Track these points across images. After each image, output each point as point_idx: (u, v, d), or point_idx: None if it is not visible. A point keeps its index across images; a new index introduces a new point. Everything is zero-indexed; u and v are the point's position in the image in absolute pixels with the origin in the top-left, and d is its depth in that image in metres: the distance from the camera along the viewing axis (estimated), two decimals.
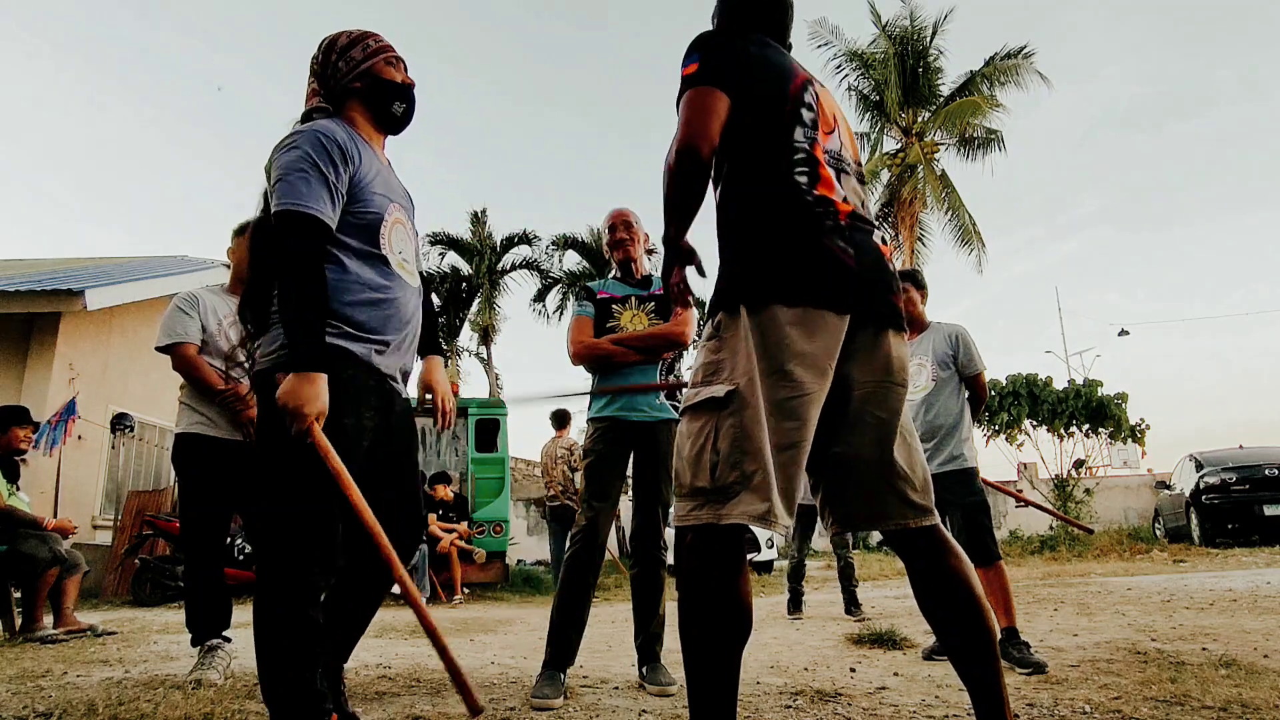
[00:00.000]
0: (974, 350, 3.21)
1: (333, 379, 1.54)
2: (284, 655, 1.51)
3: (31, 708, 2.16)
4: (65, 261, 11.79)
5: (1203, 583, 5.43)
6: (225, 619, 2.78)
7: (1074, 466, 12.23)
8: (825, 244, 1.28)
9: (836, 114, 1.49)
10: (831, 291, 1.26)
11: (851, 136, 1.53)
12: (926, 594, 1.34)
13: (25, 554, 4.00)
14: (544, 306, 21.34)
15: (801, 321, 1.23)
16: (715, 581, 1.20)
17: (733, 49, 1.39)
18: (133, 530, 7.93)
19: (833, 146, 1.41)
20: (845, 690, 2.36)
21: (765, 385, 1.22)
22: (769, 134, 1.36)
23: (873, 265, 1.33)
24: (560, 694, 2.28)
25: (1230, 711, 1.90)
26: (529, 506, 13.69)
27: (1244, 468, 9.32)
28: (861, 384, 1.29)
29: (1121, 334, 23.24)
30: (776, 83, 1.38)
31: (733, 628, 1.18)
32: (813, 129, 1.38)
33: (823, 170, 1.35)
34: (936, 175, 16.99)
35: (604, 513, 2.57)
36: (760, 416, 1.21)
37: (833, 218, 1.32)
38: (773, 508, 1.19)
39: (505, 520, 8.78)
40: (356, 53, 1.76)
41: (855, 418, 1.31)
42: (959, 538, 3.05)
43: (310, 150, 1.58)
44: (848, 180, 1.41)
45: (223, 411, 2.77)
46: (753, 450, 1.20)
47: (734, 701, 1.20)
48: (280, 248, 1.52)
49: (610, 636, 4.03)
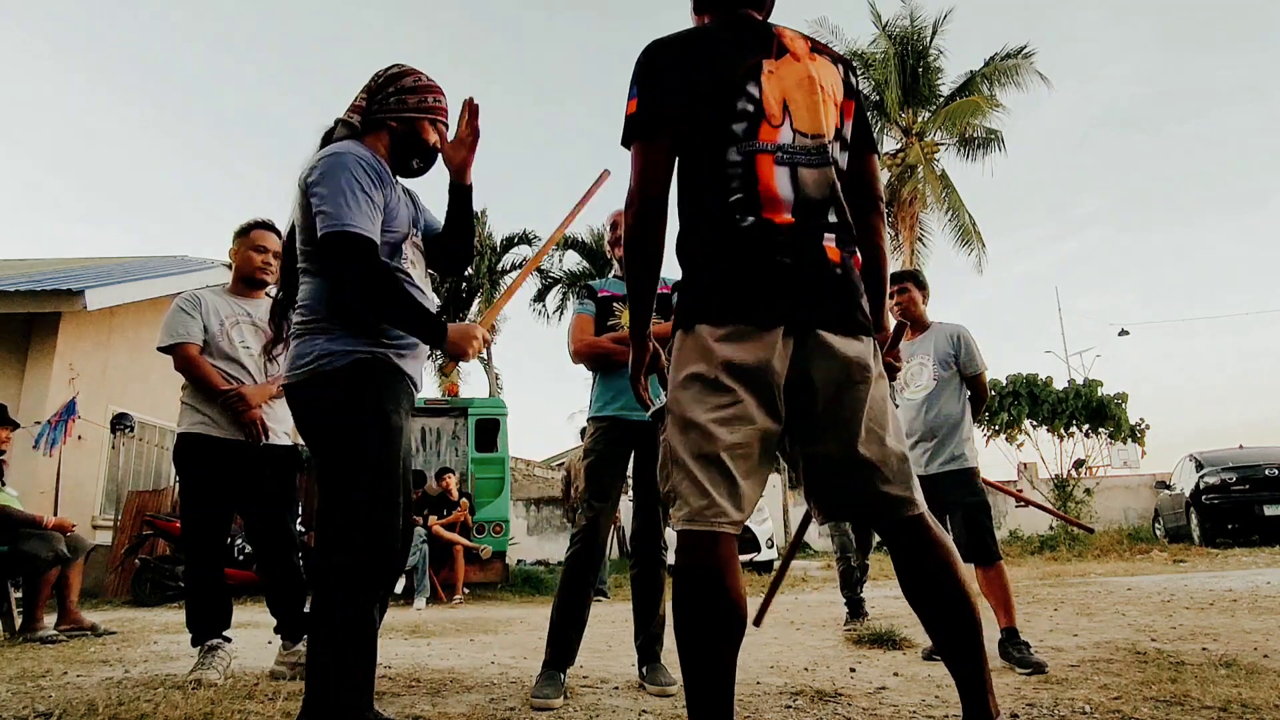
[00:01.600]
0: (975, 350, 3.21)
1: (385, 385, 1.69)
2: (345, 654, 1.55)
3: (31, 708, 2.16)
4: (65, 261, 11.79)
5: (1203, 583, 5.43)
6: (225, 619, 2.77)
7: (1074, 466, 12.24)
8: (758, 264, 1.31)
9: (793, 86, 1.40)
10: (758, 307, 1.29)
11: (819, 90, 1.42)
12: (911, 586, 1.36)
13: (27, 554, 3.99)
14: (544, 306, 21.38)
15: (729, 338, 1.28)
16: (699, 580, 1.22)
17: (668, 70, 1.38)
18: (133, 530, 7.93)
19: (782, 139, 1.36)
20: (845, 690, 2.36)
21: (699, 397, 1.28)
22: (703, 163, 1.37)
23: (815, 273, 1.33)
24: (560, 694, 2.28)
25: (1230, 711, 1.91)
26: (529, 506, 13.69)
27: (1244, 468, 9.32)
28: (823, 385, 1.31)
29: (1121, 334, 23.34)
30: (711, 94, 1.36)
31: (719, 626, 1.19)
32: (749, 138, 1.35)
33: (763, 185, 1.34)
34: (936, 175, 16.99)
35: (604, 513, 2.57)
36: (693, 429, 1.27)
37: (769, 235, 1.32)
38: (709, 507, 1.23)
39: (505, 520, 8.78)
40: (412, 99, 1.86)
41: (820, 419, 1.34)
42: (959, 538, 3.05)
43: (354, 172, 1.66)
44: (804, 173, 1.37)
45: (224, 412, 2.76)
46: (679, 459, 1.28)
47: (729, 701, 1.20)
48: (350, 266, 1.61)
49: (610, 636, 4.03)
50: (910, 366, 3.28)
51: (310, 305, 1.71)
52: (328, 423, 1.67)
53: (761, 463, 1.30)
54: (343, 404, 1.65)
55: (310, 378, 1.66)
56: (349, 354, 1.65)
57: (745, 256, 1.31)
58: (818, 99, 1.41)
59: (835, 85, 1.46)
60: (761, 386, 1.28)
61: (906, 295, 3.29)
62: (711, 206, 1.35)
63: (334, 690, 1.53)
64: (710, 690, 1.20)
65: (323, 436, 1.68)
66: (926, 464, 3.15)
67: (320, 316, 1.69)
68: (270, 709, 2.11)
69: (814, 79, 1.42)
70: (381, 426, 1.65)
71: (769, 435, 1.30)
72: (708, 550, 1.23)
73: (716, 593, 1.20)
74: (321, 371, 1.65)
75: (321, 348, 1.66)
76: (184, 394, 2.84)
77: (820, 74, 1.43)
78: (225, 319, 2.88)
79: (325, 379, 1.65)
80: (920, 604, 1.35)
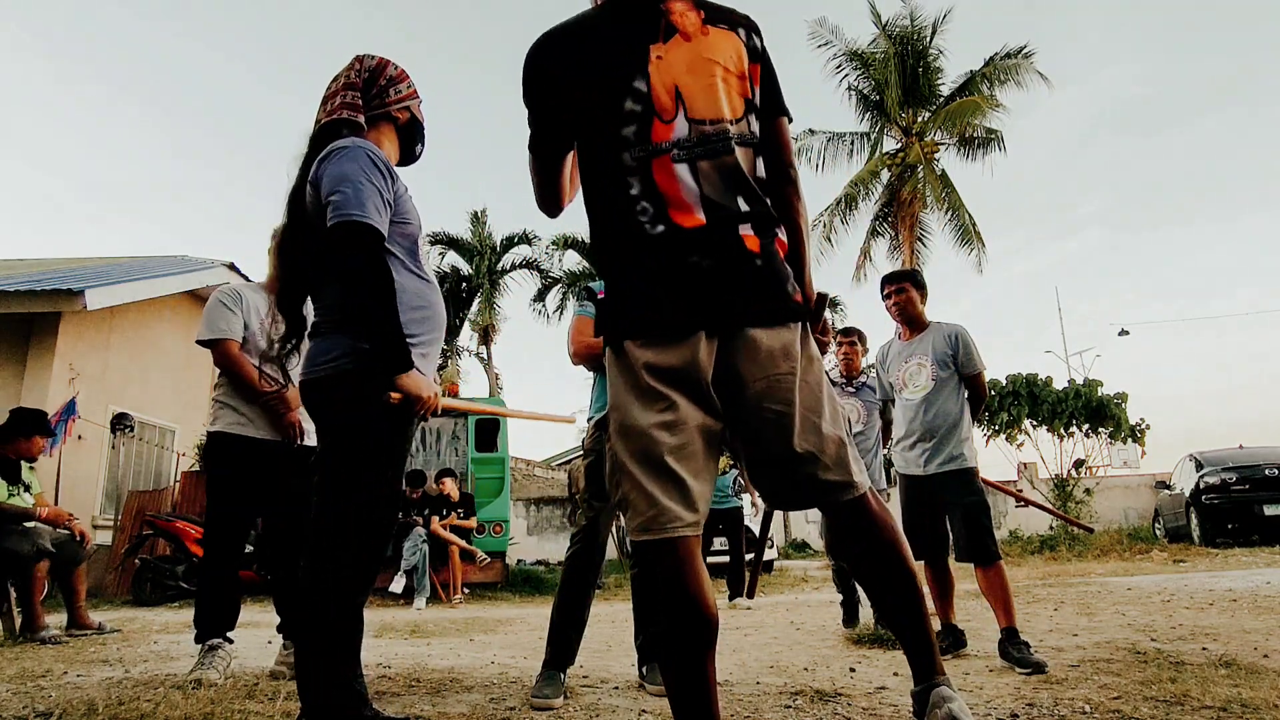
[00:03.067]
0: (974, 350, 3.21)
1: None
2: (334, 648, 1.58)
3: (31, 708, 2.16)
4: (65, 261, 11.78)
5: (1203, 583, 5.43)
6: (231, 620, 2.77)
7: (1074, 466, 12.23)
8: (672, 271, 1.28)
9: (684, 71, 1.32)
10: (678, 318, 1.26)
11: (715, 68, 1.34)
12: (858, 565, 1.41)
13: (7, 549, 3.95)
14: (544, 306, 21.36)
15: (651, 344, 1.27)
16: (660, 588, 1.25)
17: (547, 80, 1.37)
18: (133, 530, 7.93)
19: (677, 133, 1.30)
20: (845, 690, 2.36)
21: (636, 406, 1.28)
22: (599, 171, 1.34)
23: (735, 270, 1.29)
24: (560, 694, 2.28)
25: (1230, 711, 1.90)
26: (529, 506, 13.69)
27: (1244, 468, 9.32)
28: (752, 382, 1.29)
29: (1121, 334, 23.38)
30: (596, 95, 1.32)
31: (685, 629, 1.21)
32: (641, 142, 1.29)
33: (663, 188, 1.29)
34: (936, 175, 16.98)
35: (604, 513, 2.57)
36: (634, 436, 1.27)
37: (680, 240, 1.28)
38: (659, 515, 1.23)
39: (505, 520, 8.79)
40: (404, 88, 1.92)
41: (753, 415, 1.31)
42: (959, 538, 3.05)
43: (364, 165, 1.69)
44: (706, 165, 1.30)
45: (264, 412, 2.73)
46: (625, 468, 1.28)
47: (708, 702, 1.20)
48: (352, 258, 1.62)
49: (610, 636, 4.03)
50: (909, 367, 3.28)
51: (331, 304, 1.73)
52: (340, 420, 1.69)
53: (708, 459, 1.30)
54: (356, 403, 1.66)
55: (328, 375, 1.68)
56: (367, 352, 1.66)
57: (658, 265, 1.28)
58: (715, 80, 1.34)
59: (736, 56, 1.38)
60: (691, 385, 1.27)
61: (905, 295, 3.29)
62: (616, 216, 1.32)
63: (329, 690, 1.53)
64: (688, 693, 1.20)
65: (333, 433, 1.70)
66: (925, 464, 3.15)
67: (340, 315, 1.71)
68: (270, 709, 2.11)
69: (708, 59, 1.34)
70: (390, 428, 1.68)
71: (709, 431, 1.30)
72: (662, 557, 1.23)
73: (677, 598, 1.21)
74: (341, 370, 1.67)
75: (345, 345, 1.68)
76: (218, 392, 2.81)
77: (715, 49, 1.35)
78: (265, 317, 2.83)
79: (342, 378, 1.67)
80: (868, 580, 1.41)
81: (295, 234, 1.82)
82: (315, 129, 1.84)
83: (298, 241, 1.81)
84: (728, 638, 3.79)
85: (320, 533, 1.64)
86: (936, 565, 3.18)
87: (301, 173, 1.80)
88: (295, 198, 1.80)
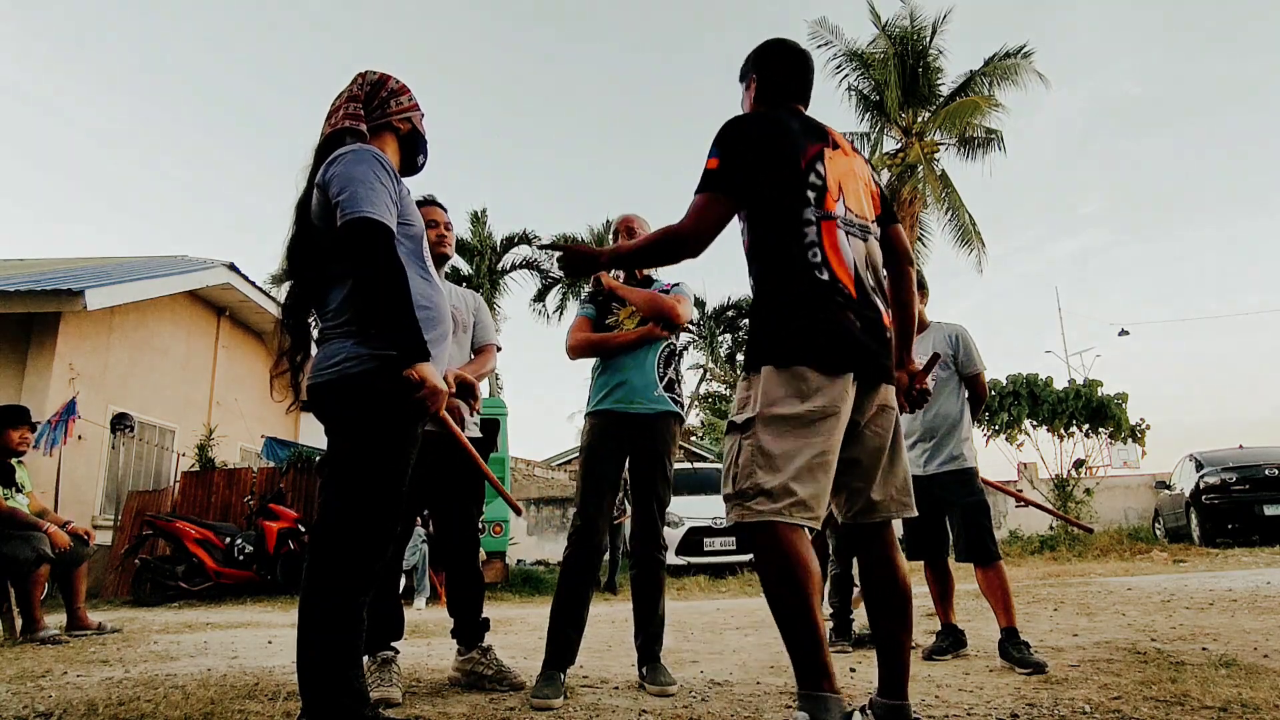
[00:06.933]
0: (974, 350, 3.21)
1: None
2: (335, 646, 1.58)
3: (31, 708, 2.17)
4: (65, 261, 11.80)
5: (1203, 583, 5.43)
6: (398, 628, 2.55)
7: (1074, 466, 12.22)
8: (835, 320, 1.60)
9: (843, 174, 1.73)
10: (836, 358, 1.59)
11: (859, 180, 1.77)
12: (866, 568, 1.76)
13: (7, 555, 3.96)
14: (544, 306, 21.34)
15: (822, 371, 1.57)
16: (776, 553, 1.52)
17: (748, 143, 1.68)
18: (133, 530, 7.94)
19: (839, 212, 1.68)
20: (845, 690, 2.36)
21: (787, 416, 1.55)
22: (783, 219, 1.65)
23: (879, 334, 1.67)
24: (560, 694, 2.28)
25: (1230, 711, 1.90)
26: (529, 506, 13.69)
27: (1244, 468, 9.32)
28: (866, 423, 1.68)
29: (1121, 334, 23.18)
30: (789, 164, 1.66)
31: (808, 583, 1.52)
32: (818, 205, 1.65)
33: (829, 250, 1.63)
34: (936, 175, 16.97)
35: (602, 510, 2.56)
36: (775, 437, 1.54)
37: (842, 295, 1.62)
38: (795, 504, 1.51)
39: (505, 520, 8.79)
40: (405, 100, 1.97)
41: (856, 452, 1.69)
42: (958, 538, 3.05)
43: (371, 166, 1.72)
44: (854, 242, 1.69)
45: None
46: (766, 464, 1.54)
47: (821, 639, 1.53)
48: (366, 252, 1.64)
49: (610, 636, 4.03)
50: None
51: (339, 308, 1.74)
52: (348, 424, 1.70)
53: (831, 473, 1.60)
54: (364, 407, 1.68)
55: (336, 379, 1.69)
56: (375, 356, 1.67)
57: (826, 311, 1.60)
58: (859, 187, 1.77)
59: (869, 178, 1.83)
60: (834, 413, 1.57)
61: None
62: (791, 258, 1.63)
63: (329, 690, 1.54)
64: (807, 630, 1.55)
65: (341, 437, 1.71)
66: (925, 464, 3.15)
67: (348, 319, 1.72)
68: (270, 709, 2.11)
69: (856, 172, 1.78)
70: (397, 432, 1.69)
71: (837, 451, 1.59)
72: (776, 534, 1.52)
73: (793, 555, 1.52)
74: (348, 374, 1.68)
75: (349, 350, 1.69)
76: None
77: (860, 168, 1.80)
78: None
79: (350, 381, 1.68)
80: (877, 598, 1.72)
81: (301, 244, 1.83)
82: (320, 141, 1.87)
83: (304, 252, 1.83)
84: (728, 638, 3.79)
85: (324, 531, 1.64)
86: (936, 565, 3.18)
87: (308, 182, 1.83)
88: (302, 207, 1.83)
